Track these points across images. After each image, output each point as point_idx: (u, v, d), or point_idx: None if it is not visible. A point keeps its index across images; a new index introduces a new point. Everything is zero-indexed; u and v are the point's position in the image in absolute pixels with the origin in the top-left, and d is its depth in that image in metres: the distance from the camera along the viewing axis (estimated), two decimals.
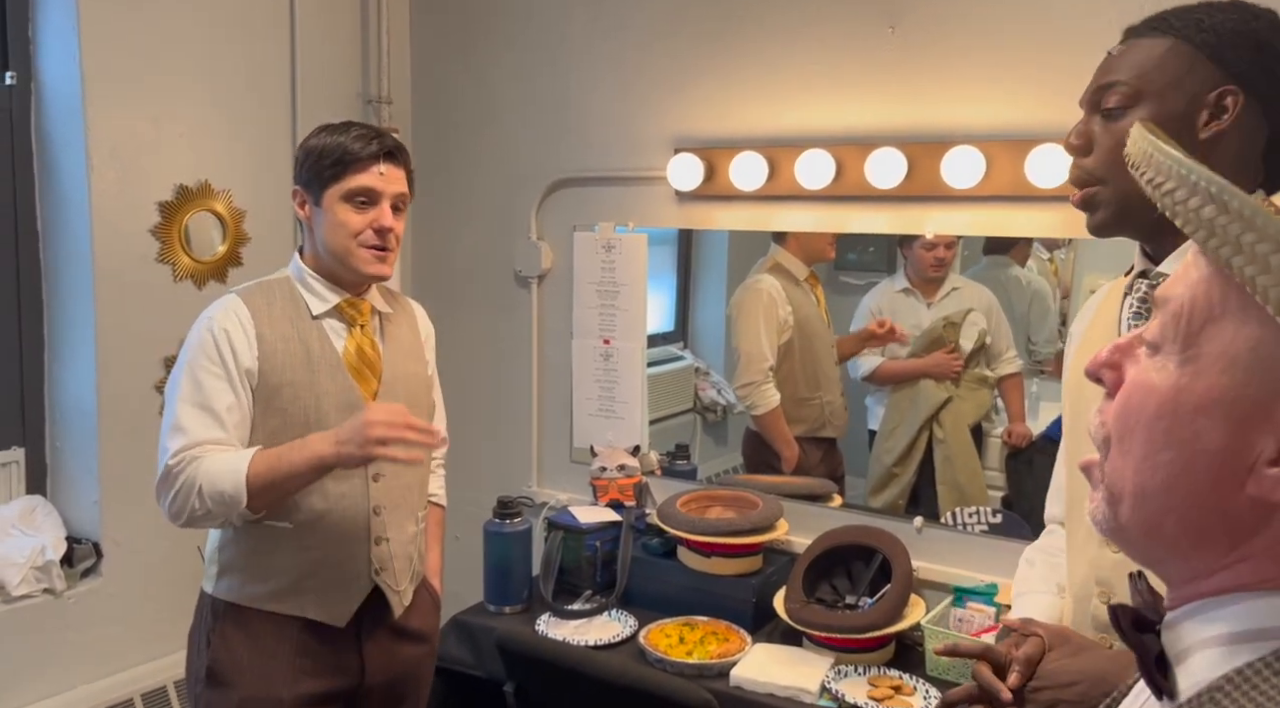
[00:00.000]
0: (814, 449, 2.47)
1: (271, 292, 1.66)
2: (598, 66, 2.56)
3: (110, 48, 2.16)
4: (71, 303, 2.22)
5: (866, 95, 2.21)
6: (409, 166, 1.70)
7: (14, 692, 2.08)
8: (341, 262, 1.64)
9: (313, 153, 1.63)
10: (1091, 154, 1.16)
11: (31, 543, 2.12)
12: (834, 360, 2.45)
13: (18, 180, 2.18)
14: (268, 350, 1.60)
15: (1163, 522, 0.58)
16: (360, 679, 1.68)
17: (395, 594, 1.70)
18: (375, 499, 1.67)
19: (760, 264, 2.45)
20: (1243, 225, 0.52)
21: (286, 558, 1.62)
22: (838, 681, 1.90)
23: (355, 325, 1.68)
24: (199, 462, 1.52)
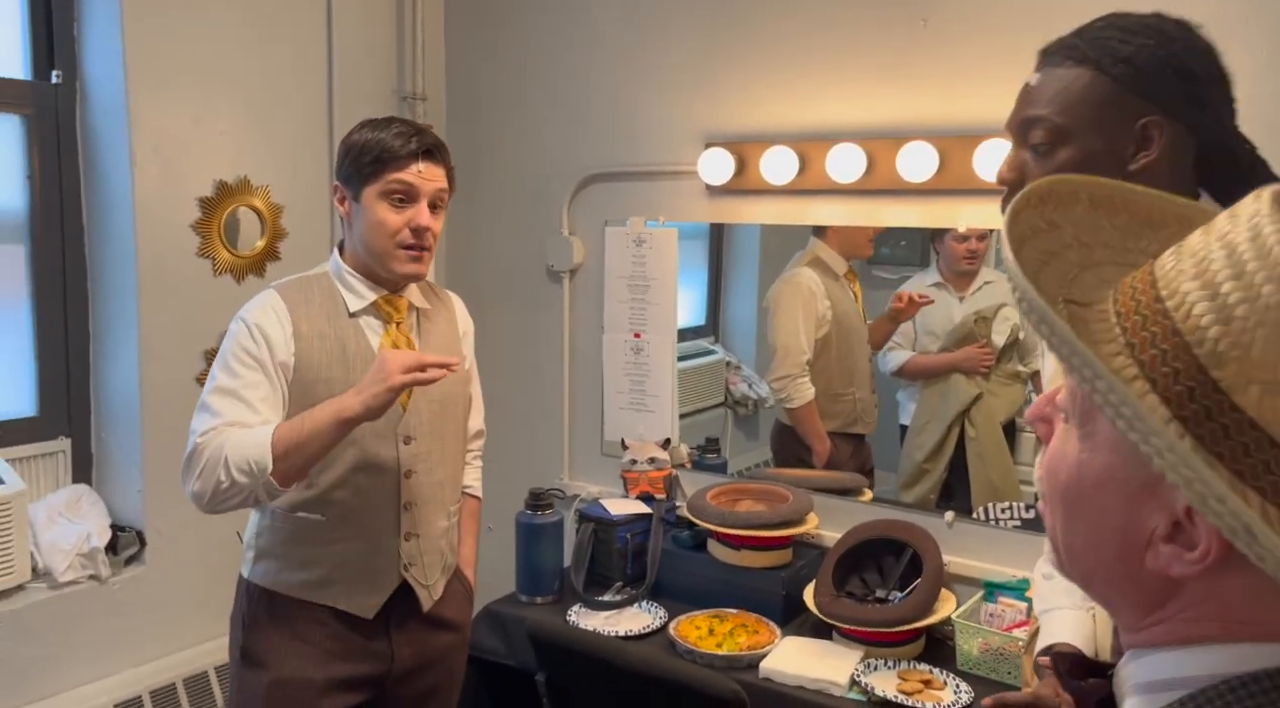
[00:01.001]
0: (844, 444, 2.47)
1: (310, 288, 1.66)
2: (630, 62, 2.57)
3: (153, 47, 2.21)
4: (115, 297, 2.27)
5: (898, 89, 2.21)
6: (449, 164, 1.69)
7: (62, 675, 2.14)
8: (378, 260, 1.64)
9: (353, 149, 1.63)
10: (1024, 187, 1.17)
11: (78, 531, 2.18)
12: (868, 357, 2.44)
13: (64, 177, 2.24)
14: (304, 347, 1.61)
15: (1091, 580, 0.61)
16: (389, 666, 1.70)
17: (424, 589, 1.71)
18: (406, 495, 1.68)
19: (799, 257, 2.45)
20: (1069, 350, 0.54)
21: (318, 550, 1.64)
22: (867, 674, 1.90)
23: (392, 323, 1.69)
24: (224, 436, 1.51)
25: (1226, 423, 0.50)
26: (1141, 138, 1.07)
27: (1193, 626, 0.55)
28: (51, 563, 2.13)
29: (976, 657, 1.94)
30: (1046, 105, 1.11)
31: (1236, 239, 0.53)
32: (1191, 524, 0.53)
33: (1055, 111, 1.10)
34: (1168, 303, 0.54)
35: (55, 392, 2.27)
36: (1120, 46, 1.07)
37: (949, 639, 2.02)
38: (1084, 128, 1.09)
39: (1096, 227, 0.64)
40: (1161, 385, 0.52)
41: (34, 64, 2.20)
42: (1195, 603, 0.55)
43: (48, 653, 2.11)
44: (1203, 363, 0.51)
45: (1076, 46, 1.10)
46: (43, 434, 2.25)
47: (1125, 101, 1.07)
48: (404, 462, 1.67)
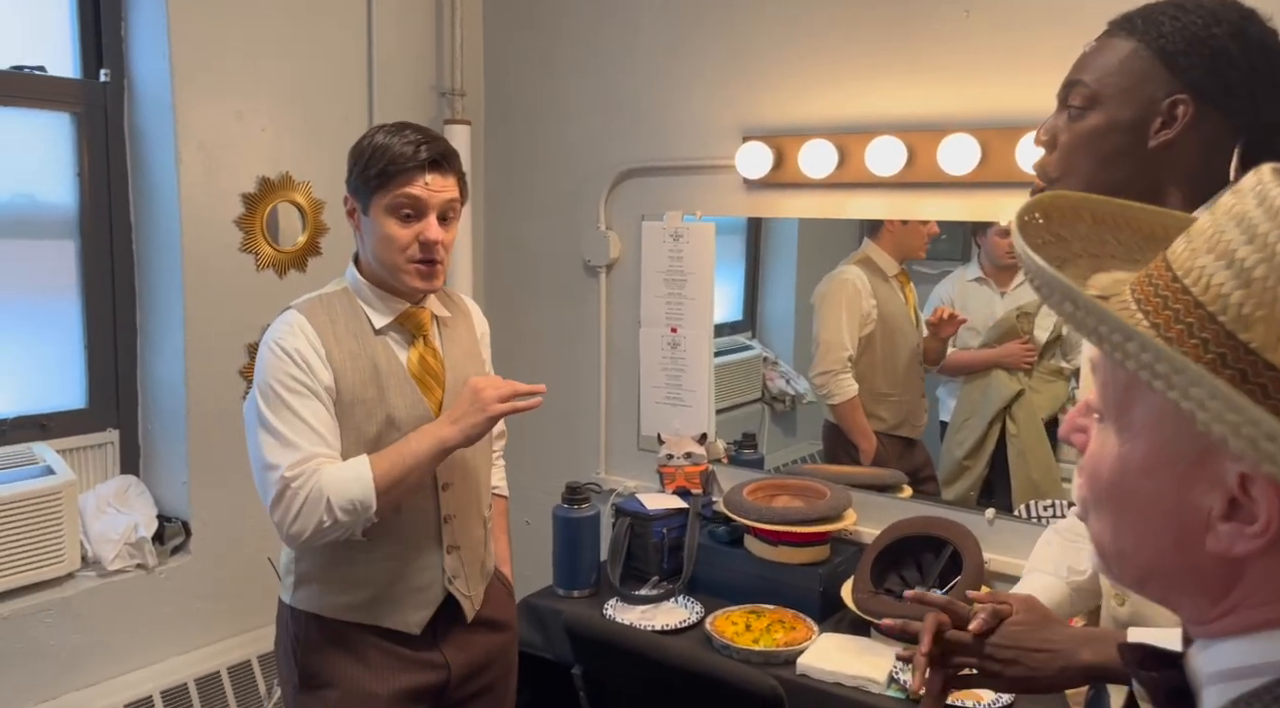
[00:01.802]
0: (892, 446, 2.45)
1: (333, 307, 1.62)
2: (667, 56, 2.57)
3: (197, 46, 2.24)
4: (161, 291, 2.31)
5: (939, 80, 2.18)
6: (459, 172, 1.63)
7: (110, 662, 2.19)
8: (390, 274, 1.61)
9: (360, 159, 1.59)
10: (1055, 150, 1.17)
11: (125, 520, 2.22)
12: (918, 360, 2.41)
13: (112, 174, 2.28)
14: (338, 369, 1.57)
15: (1147, 580, 0.60)
16: (448, 675, 1.69)
17: (467, 599, 1.70)
18: (446, 508, 1.66)
19: (850, 256, 2.43)
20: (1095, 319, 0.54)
21: (362, 569, 1.61)
22: (905, 671, 1.88)
23: (418, 337, 1.66)
24: (318, 475, 1.49)
25: (1264, 382, 0.50)
26: (1167, 115, 1.07)
27: (1262, 610, 0.54)
28: (100, 552, 2.18)
29: None
30: (1089, 71, 1.13)
31: (1244, 209, 0.53)
32: (1249, 497, 0.52)
33: (1094, 77, 1.12)
34: (1185, 280, 0.54)
35: (104, 384, 2.32)
36: (1167, 22, 1.08)
37: None
38: (1115, 96, 1.10)
39: (1102, 241, 0.65)
40: (1192, 356, 0.51)
41: (83, 63, 2.24)
42: (1261, 585, 0.54)
43: (97, 640, 2.16)
44: (1230, 329, 0.51)
45: (1132, 19, 1.11)
46: (92, 426, 2.30)
47: (1157, 75, 1.08)
48: (441, 475, 1.65)
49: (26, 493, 2.02)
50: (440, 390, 1.67)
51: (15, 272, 2.18)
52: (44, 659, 2.08)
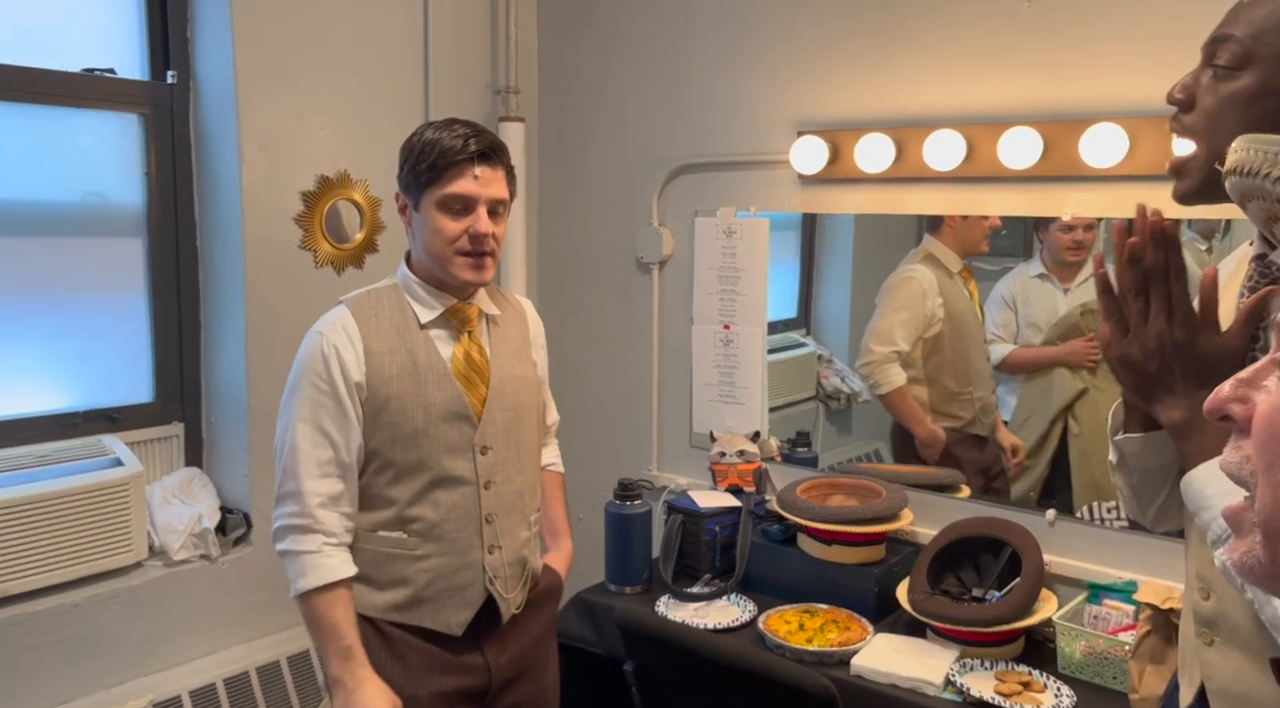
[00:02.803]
0: (963, 444, 2.40)
1: (380, 301, 1.65)
2: (721, 50, 2.55)
3: (260, 47, 2.29)
4: (224, 288, 2.36)
5: (1000, 72, 2.14)
6: (509, 165, 1.66)
7: (175, 650, 2.25)
8: (440, 267, 1.63)
9: (410, 155, 1.61)
10: (1193, 110, 1.08)
11: (190, 512, 2.28)
12: (985, 356, 2.37)
13: (178, 173, 2.34)
14: (375, 364, 1.60)
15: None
16: (489, 678, 1.69)
17: (505, 602, 1.69)
18: (487, 507, 1.66)
19: (913, 254, 2.39)
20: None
21: (403, 568, 1.63)
22: (963, 674, 1.85)
23: (463, 332, 1.68)
24: (300, 558, 1.61)
25: None
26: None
27: None
28: (166, 542, 2.24)
29: (1079, 660, 1.87)
30: (1244, 26, 1.03)
31: None
32: None
33: (1249, 34, 1.03)
34: None
35: (169, 379, 2.38)
36: None
37: (1050, 641, 1.95)
38: (1271, 56, 1.01)
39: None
40: None
41: (151, 65, 2.30)
42: None
43: (163, 628, 2.22)
44: None
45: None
46: (158, 419, 2.37)
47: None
48: (482, 473, 1.66)
49: (97, 484, 2.09)
50: (484, 387, 1.67)
51: (87, 269, 2.24)
52: (113, 646, 2.14)
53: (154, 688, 2.15)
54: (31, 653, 2.02)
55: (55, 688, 2.06)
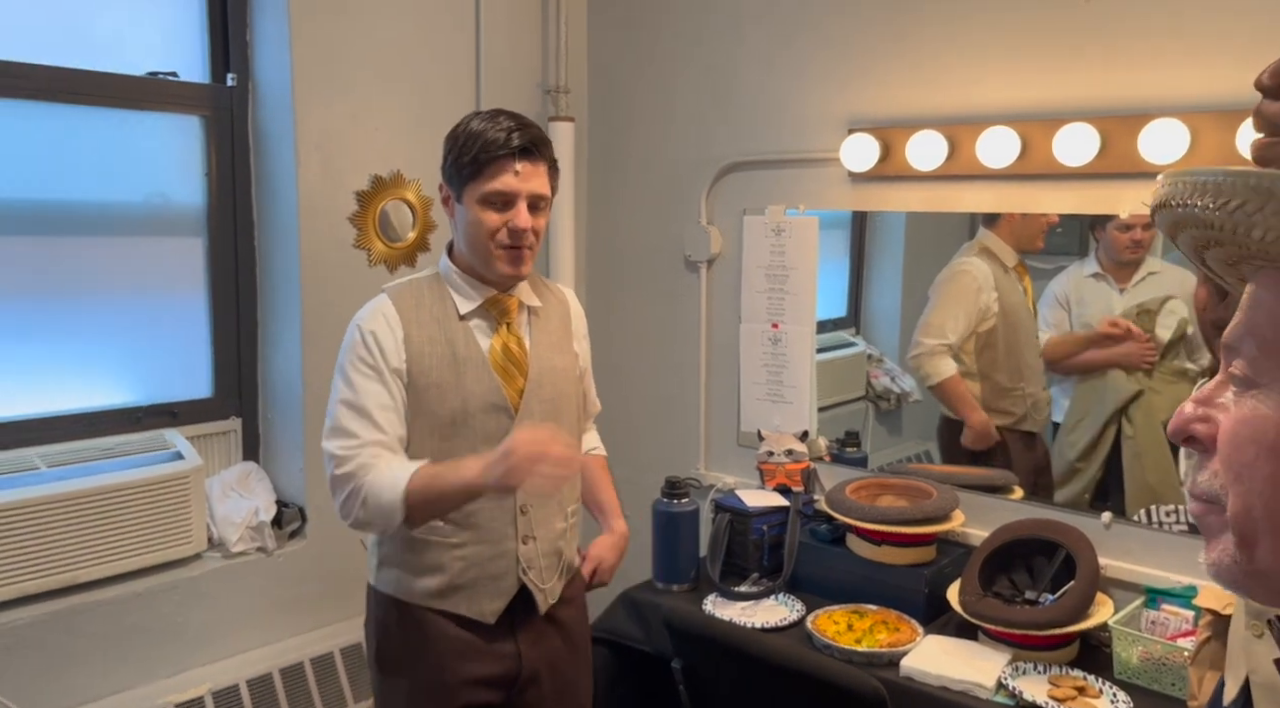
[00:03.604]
0: (1014, 441, 2.38)
1: (420, 291, 1.67)
2: (771, 48, 2.55)
3: (317, 51, 2.33)
4: (281, 286, 2.41)
5: (1055, 68, 2.10)
6: (551, 159, 1.67)
7: (234, 639, 2.30)
8: (480, 260, 1.65)
9: (454, 146, 1.63)
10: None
11: (247, 505, 2.33)
12: (1038, 352, 2.34)
13: (236, 174, 2.39)
14: (414, 352, 1.62)
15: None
16: (519, 666, 1.71)
17: (540, 592, 1.71)
18: (522, 498, 1.67)
19: (967, 247, 2.37)
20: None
21: (439, 555, 1.65)
22: (1015, 677, 1.83)
23: (502, 323, 1.69)
24: (368, 473, 1.56)
25: None
26: None
27: None
28: (224, 534, 2.29)
29: (1136, 666, 1.83)
30: None
31: None
32: None
33: None
34: None
35: (228, 375, 2.43)
36: None
37: (1105, 646, 1.92)
38: None
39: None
40: None
41: (212, 68, 2.36)
42: None
43: (221, 618, 2.27)
44: None
45: None
46: (217, 414, 2.42)
47: None
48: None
49: (159, 477, 2.14)
50: (522, 379, 1.69)
51: (150, 268, 2.31)
52: (174, 635, 2.20)
53: (212, 677, 2.21)
54: (98, 640, 2.08)
55: (120, 674, 2.12)
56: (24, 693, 1.96)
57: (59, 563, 2.01)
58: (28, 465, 2.03)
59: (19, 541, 1.95)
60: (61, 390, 2.18)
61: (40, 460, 2.06)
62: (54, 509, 1.99)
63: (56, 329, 2.16)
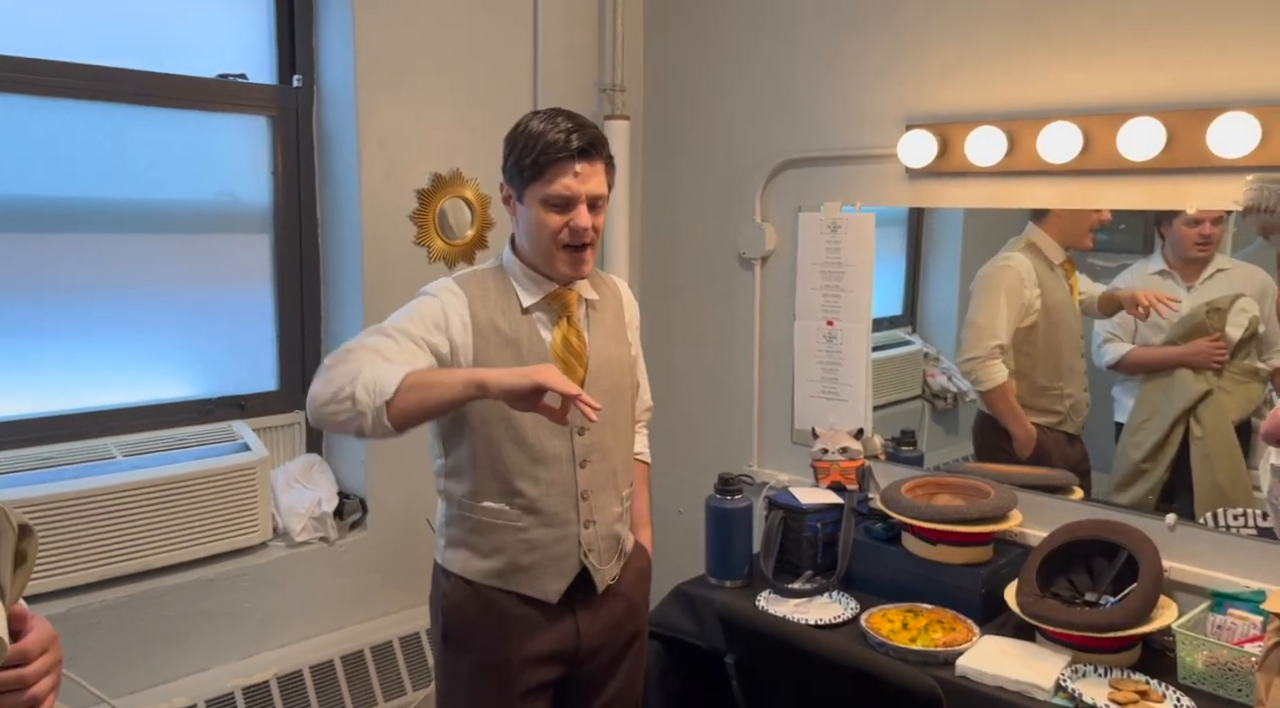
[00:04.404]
0: (1051, 440, 2.35)
1: (485, 283, 1.72)
2: (827, 44, 2.54)
3: (379, 51, 2.38)
4: (344, 283, 2.47)
5: (1119, 61, 2.07)
6: (608, 157, 1.70)
7: (298, 626, 2.37)
8: (542, 260, 1.70)
9: (515, 147, 1.67)
10: None
11: (310, 496, 2.39)
12: (1080, 353, 2.31)
13: (302, 172, 2.46)
14: (481, 342, 1.66)
15: None
16: (578, 643, 1.76)
17: (599, 573, 1.76)
18: (583, 484, 1.72)
19: (1013, 242, 2.34)
20: None
21: (505, 538, 1.70)
22: (1075, 680, 1.80)
23: (563, 316, 1.73)
24: (367, 355, 1.54)
25: None
26: None
27: None
28: (289, 524, 2.36)
29: (1201, 671, 1.80)
30: None
31: None
32: None
33: None
34: None
35: (292, 368, 2.50)
36: None
37: (1169, 650, 1.88)
38: None
39: None
40: None
41: (279, 70, 2.42)
42: None
43: (286, 605, 2.34)
44: None
45: None
46: (281, 407, 2.49)
47: None
48: (579, 452, 1.72)
49: (227, 467, 2.21)
50: (581, 370, 1.73)
51: (220, 264, 2.38)
52: (241, 620, 2.27)
53: (277, 663, 2.27)
54: (170, 623, 2.15)
55: (191, 657, 2.19)
56: (101, 673, 2.04)
57: (134, 548, 2.09)
58: (106, 455, 2.12)
59: (98, 526, 2.03)
60: (136, 382, 2.26)
61: (117, 450, 2.14)
62: (130, 497, 2.07)
63: (132, 324, 2.24)
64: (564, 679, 1.79)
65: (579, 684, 1.81)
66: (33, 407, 2.11)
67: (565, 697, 1.82)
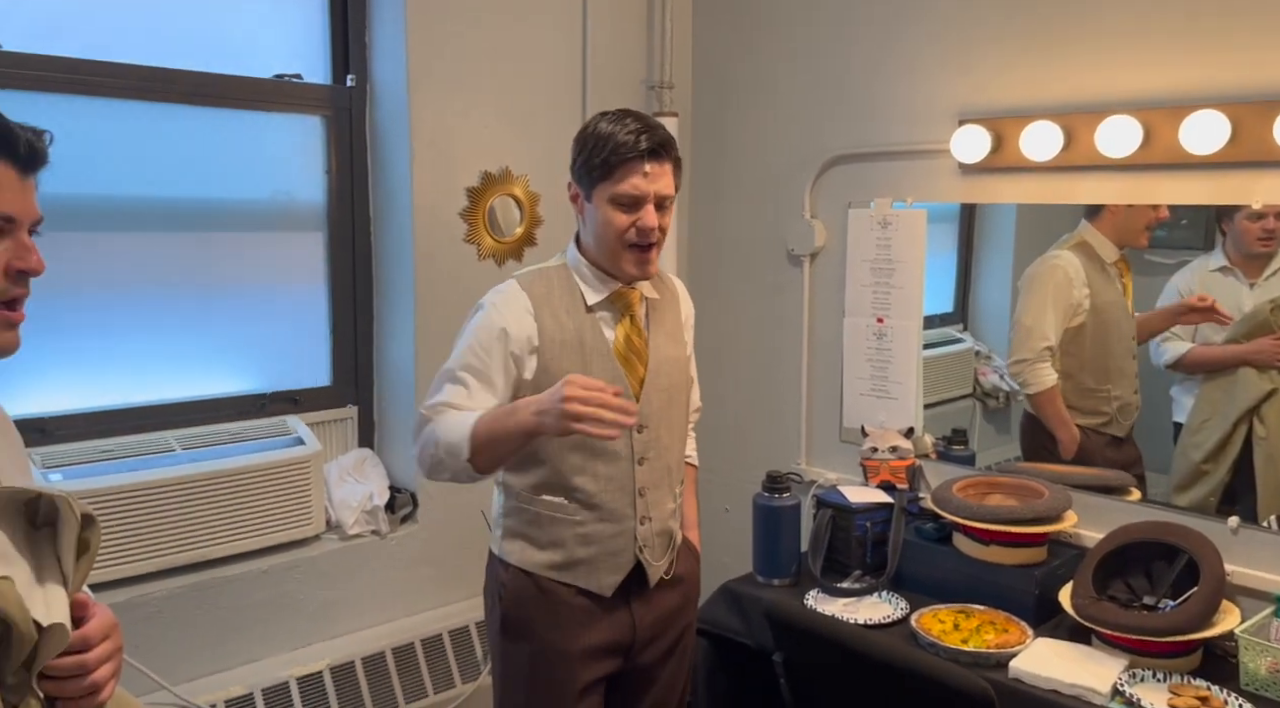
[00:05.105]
0: (1097, 443, 2.30)
1: (550, 281, 1.74)
2: (879, 38, 2.51)
3: (431, 51, 2.41)
4: (396, 280, 2.50)
5: (1181, 53, 2.02)
6: (676, 158, 1.72)
7: (350, 617, 2.40)
8: (608, 259, 1.71)
9: (584, 148, 1.68)
10: None
11: (363, 490, 2.43)
12: (1131, 354, 2.26)
13: (355, 171, 2.49)
14: (546, 340, 1.68)
15: None
16: (633, 634, 1.78)
17: (653, 568, 1.78)
18: (641, 481, 1.74)
19: (1064, 240, 2.30)
20: None
21: (563, 531, 1.72)
22: (1132, 684, 1.77)
23: (625, 315, 1.75)
24: (440, 416, 1.65)
25: None
26: None
27: None
28: (342, 517, 2.39)
29: (1264, 677, 1.75)
30: None
31: None
32: None
33: None
34: None
35: (345, 364, 2.54)
36: None
37: (1231, 656, 1.83)
38: None
39: None
40: None
41: (333, 70, 2.46)
42: None
43: (339, 597, 2.37)
44: None
45: None
46: (334, 402, 2.53)
47: None
48: (637, 449, 1.74)
49: (282, 461, 2.25)
50: (643, 368, 1.75)
51: (275, 261, 2.42)
52: (295, 611, 2.31)
53: (330, 653, 2.31)
54: (227, 613, 2.20)
55: (246, 647, 2.24)
56: (160, 661, 2.09)
57: (192, 539, 2.14)
58: (166, 447, 2.17)
59: (158, 517, 2.08)
60: (194, 377, 2.31)
61: (176, 443, 2.19)
62: (189, 489, 2.12)
63: (191, 319, 2.29)
64: (618, 674, 1.81)
65: (632, 677, 1.83)
66: (96, 401, 2.17)
67: (619, 690, 1.83)
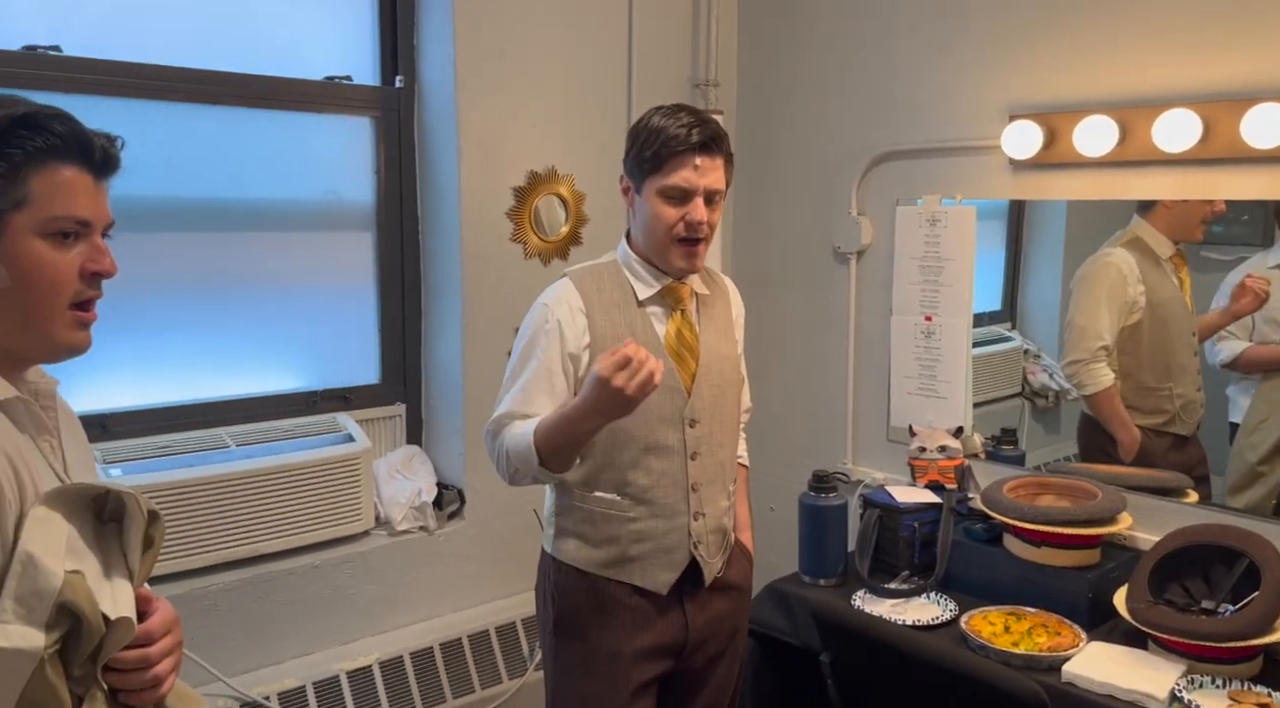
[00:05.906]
0: (1158, 443, 2.26)
1: (601, 277, 1.75)
2: (926, 33, 2.49)
3: (478, 51, 2.43)
4: (444, 279, 2.52)
5: (1242, 42, 1.97)
6: (728, 153, 1.73)
7: (399, 612, 2.43)
8: (657, 253, 1.73)
9: (637, 140, 1.70)
10: None
11: (410, 486, 2.45)
12: (1193, 350, 2.21)
13: (403, 171, 2.52)
14: (598, 335, 1.69)
15: None
16: (686, 635, 1.78)
17: (707, 565, 1.78)
18: (693, 476, 1.75)
19: (1117, 236, 2.27)
20: None
21: (617, 528, 1.73)
22: (1191, 690, 1.73)
23: (676, 310, 1.76)
24: (506, 430, 1.68)
25: None
26: None
27: None
28: (390, 513, 2.42)
29: None
30: None
31: None
32: None
33: None
34: None
35: (394, 362, 2.56)
36: None
37: None
38: None
39: None
40: None
41: (381, 71, 2.49)
42: None
43: (387, 592, 2.40)
44: None
45: None
46: (383, 399, 2.56)
47: None
48: (690, 444, 1.74)
49: (333, 457, 2.29)
50: (694, 364, 1.75)
51: (325, 261, 2.45)
52: (345, 605, 2.34)
53: (379, 648, 2.34)
54: (279, 607, 2.24)
55: (298, 640, 2.27)
56: (216, 653, 2.13)
57: (246, 534, 2.17)
58: (220, 443, 2.21)
59: (212, 511, 2.12)
60: (247, 375, 2.35)
61: (230, 439, 2.23)
62: (242, 484, 2.16)
63: (243, 318, 2.33)
64: (670, 674, 1.80)
65: (684, 679, 1.83)
66: (153, 398, 2.21)
67: (671, 691, 1.83)
